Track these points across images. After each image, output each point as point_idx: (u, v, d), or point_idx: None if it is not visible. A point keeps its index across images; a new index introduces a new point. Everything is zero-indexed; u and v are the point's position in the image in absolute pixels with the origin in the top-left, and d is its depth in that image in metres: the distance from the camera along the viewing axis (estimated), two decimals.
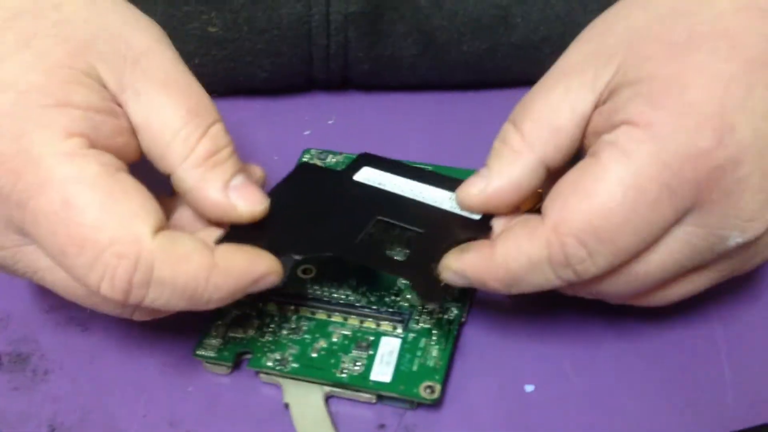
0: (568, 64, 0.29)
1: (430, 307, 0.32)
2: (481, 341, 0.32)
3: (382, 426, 0.29)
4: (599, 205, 0.26)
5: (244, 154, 0.40)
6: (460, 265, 0.28)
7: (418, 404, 0.29)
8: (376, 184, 0.33)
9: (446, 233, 0.30)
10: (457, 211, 0.31)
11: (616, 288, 0.28)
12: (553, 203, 0.27)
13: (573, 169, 0.28)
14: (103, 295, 0.26)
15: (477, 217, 0.31)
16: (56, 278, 0.28)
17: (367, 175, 0.34)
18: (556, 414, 0.29)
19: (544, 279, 0.27)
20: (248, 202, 0.29)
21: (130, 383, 0.31)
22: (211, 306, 0.27)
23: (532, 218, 0.28)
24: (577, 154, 0.29)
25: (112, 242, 0.26)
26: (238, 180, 0.29)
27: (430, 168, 0.36)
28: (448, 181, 0.33)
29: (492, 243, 0.28)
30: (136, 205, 0.27)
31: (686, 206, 0.26)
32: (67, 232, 0.26)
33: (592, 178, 0.26)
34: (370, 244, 0.31)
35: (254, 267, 0.28)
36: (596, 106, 0.28)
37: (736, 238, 0.27)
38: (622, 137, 0.26)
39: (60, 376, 0.31)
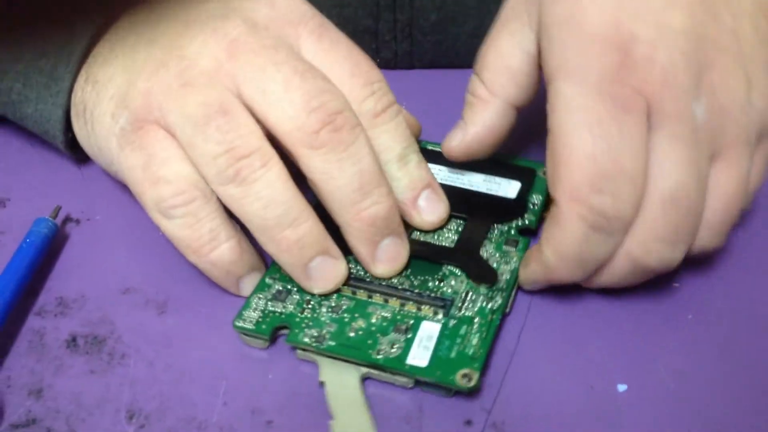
0: (507, 11, 0.32)
1: (482, 289, 0.31)
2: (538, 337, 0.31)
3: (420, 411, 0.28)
4: (580, 154, 0.27)
5: None
6: (528, 276, 0.31)
7: (455, 392, 0.29)
8: None
9: (487, 216, 0.34)
10: (494, 192, 0.35)
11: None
12: (552, 186, 0.28)
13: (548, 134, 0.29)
14: None
15: (513, 196, 0.34)
16: None
17: None
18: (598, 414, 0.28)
19: (592, 244, 0.28)
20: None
21: (209, 369, 0.30)
22: None
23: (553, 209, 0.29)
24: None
25: None
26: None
27: None
28: (480, 163, 0.35)
29: (538, 246, 0.30)
30: None
31: (642, 107, 0.27)
32: None
33: (558, 145, 0.28)
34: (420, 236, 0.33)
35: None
36: (538, 42, 0.30)
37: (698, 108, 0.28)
38: (554, 97, 0.28)
39: (137, 360, 0.30)
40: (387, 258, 0.31)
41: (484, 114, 0.32)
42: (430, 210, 0.33)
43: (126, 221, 0.35)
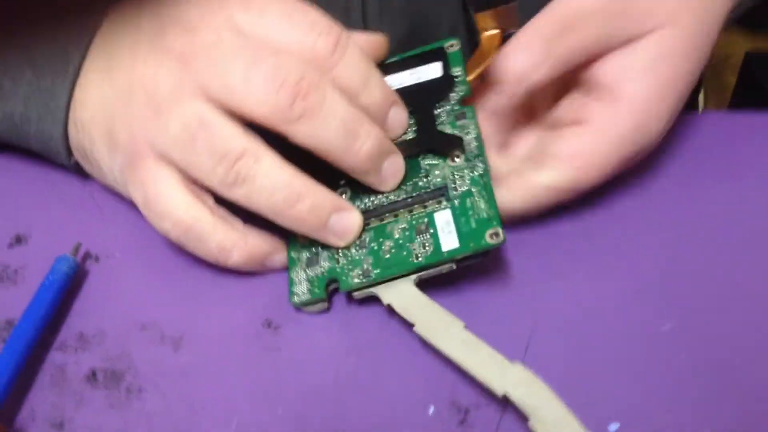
0: None
1: (462, 163, 0.34)
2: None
3: None
4: None
5: None
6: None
7: (490, 252, 0.32)
8: None
9: (428, 100, 0.36)
10: (423, 78, 0.37)
11: None
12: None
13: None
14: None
15: (440, 73, 0.37)
16: None
17: None
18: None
19: None
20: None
21: (221, 403, 0.31)
22: None
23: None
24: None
25: None
26: None
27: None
28: (395, 65, 0.38)
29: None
30: None
31: None
32: None
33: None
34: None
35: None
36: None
37: None
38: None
39: (153, 395, 0.32)
40: (391, 174, 0.34)
41: None
42: (397, 124, 0.35)
43: (143, 259, 0.37)
